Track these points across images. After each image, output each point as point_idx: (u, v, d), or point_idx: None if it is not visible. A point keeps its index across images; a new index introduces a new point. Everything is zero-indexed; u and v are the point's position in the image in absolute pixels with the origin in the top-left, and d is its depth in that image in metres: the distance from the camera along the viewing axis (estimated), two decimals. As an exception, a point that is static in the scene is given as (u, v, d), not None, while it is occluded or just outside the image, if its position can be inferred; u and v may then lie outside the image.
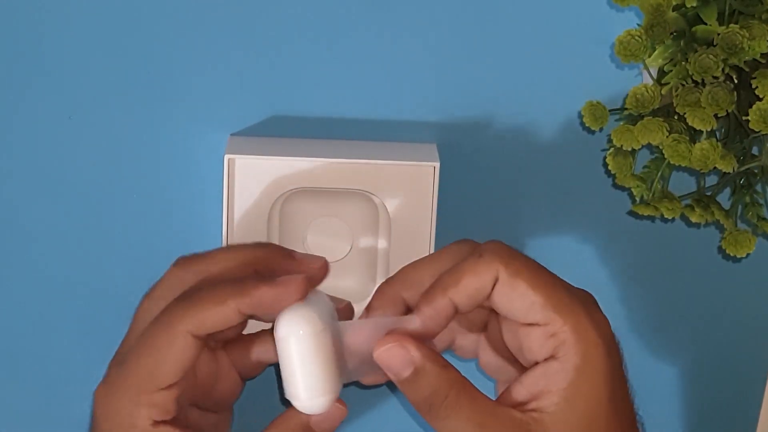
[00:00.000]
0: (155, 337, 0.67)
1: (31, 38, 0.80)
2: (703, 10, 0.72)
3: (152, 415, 0.67)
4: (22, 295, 0.85)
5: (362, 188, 0.80)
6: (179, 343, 0.66)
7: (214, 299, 0.66)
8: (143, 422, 0.67)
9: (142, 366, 0.67)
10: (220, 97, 0.81)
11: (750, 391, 0.89)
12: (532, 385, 0.65)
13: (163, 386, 0.67)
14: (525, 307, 0.65)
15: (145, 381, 0.67)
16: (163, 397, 0.67)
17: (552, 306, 0.65)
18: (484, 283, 0.66)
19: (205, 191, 0.83)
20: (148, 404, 0.67)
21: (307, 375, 0.66)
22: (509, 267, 0.65)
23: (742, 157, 0.75)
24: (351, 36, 0.81)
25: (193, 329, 0.66)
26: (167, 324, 0.67)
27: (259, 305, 0.66)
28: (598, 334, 0.64)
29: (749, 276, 0.87)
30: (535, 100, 0.82)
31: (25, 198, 0.83)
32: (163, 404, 0.67)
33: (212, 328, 0.67)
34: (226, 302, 0.66)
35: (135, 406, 0.67)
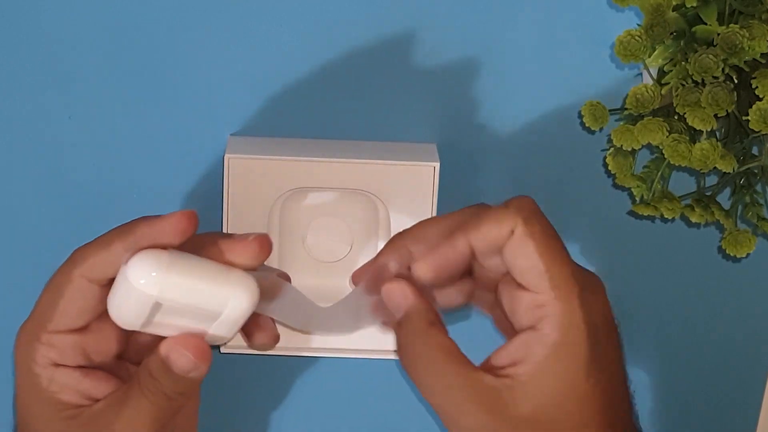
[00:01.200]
0: (54, 280, 0.68)
1: (31, 38, 0.80)
2: (703, 10, 0.72)
3: (50, 355, 0.68)
4: (22, 295, 0.85)
5: (362, 188, 0.80)
6: (73, 286, 0.67)
7: (102, 242, 0.67)
8: (41, 360, 0.68)
9: (41, 306, 0.68)
10: (220, 97, 0.81)
11: (750, 391, 0.89)
12: (513, 351, 0.66)
13: (61, 328, 0.68)
14: (526, 268, 0.66)
15: (43, 321, 0.68)
16: (59, 340, 0.68)
17: (549, 276, 0.65)
18: (502, 231, 0.67)
19: (205, 191, 0.83)
20: (47, 343, 0.68)
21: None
22: (527, 224, 0.66)
23: (742, 157, 0.75)
24: (351, 36, 0.81)
25: (86, 272, 0.67)
26: (64, 267, 0.68)
27: (141, 240, 0.66)
28: (584, 317, 0.65)
29: (749, 276, 0.87)
30: (535, 100, 0.82)
31: (25, 198, 0.83)
32: (60, 347, 0.68)
33: (105, 272, 0.67)
34: (112, 243, 0.67)
35: (35, 344, 0.68)
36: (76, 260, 0.68)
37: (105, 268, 0.67)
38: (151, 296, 0.65)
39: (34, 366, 0.68)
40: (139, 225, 0.67)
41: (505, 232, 0.67)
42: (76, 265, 0.68)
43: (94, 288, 0.68)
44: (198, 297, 0.66)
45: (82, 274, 0.67)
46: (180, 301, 0.66)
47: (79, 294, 0.68)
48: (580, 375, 0.65)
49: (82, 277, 0.67)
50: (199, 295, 0.66)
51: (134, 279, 0.65)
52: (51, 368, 0.68)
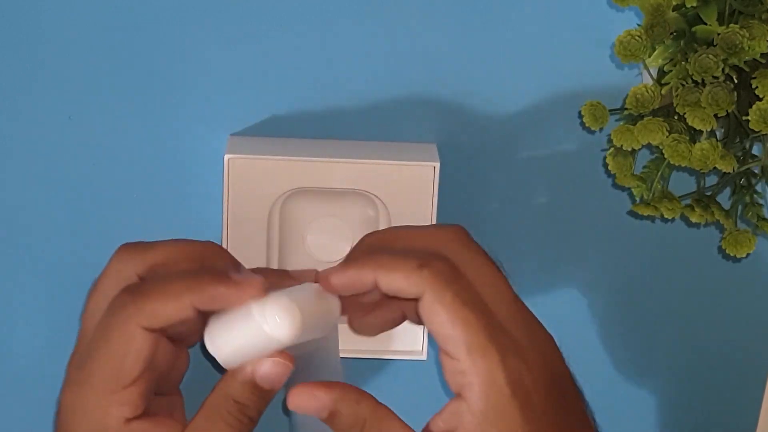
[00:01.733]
0: (112, 335, 0.66)
1: (31, 38, 0.80)
2: (703, 10, 0.72)
3: (123, 413, 0.66)
4: (21, 295, 0.85)
5: (362, 188, 0.80)
6: (137, 339, 0.66)
7: (168, 294, 0.66)
8: (116, 422, 0.66)
9: (105, 365, 0.66)
10: (220, 97, 0.81)
11: (750, 391, 0.89)
12: (446, 419, 0.66)
13: (128, 383, 0.66)
14: (441, 336, 0.65)
15: (110, 380, 0.66)
16: (130, 394, 0.66)
17: (465, 345, 0.64)
18: (410, 291, 0.65)
19: (205, 191, 0.83)
20: (118, 403, 0.66)
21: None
22: (438, 292, 0.65)
23: (742, 157, 0.75)
24: (351, 36, 0.81)
25: (148, 324, 0.66)
26: (122, 320, 0.66)
27: (215, 301, 0.66)
28: (508, 382, 0.64)
29: (749, 276, 0.87)
30: (535, 100, 0.82)
31: (25, 198, 0.83)
32: (132, 401, 0.66)
33: (167, 323, 0.66)
34: (180, 297, 0.66)
35: (105, 407, 0.66)
36: (133, 310, 0.66)
37: (170, 320, 0.66)
38: (283, 344, 0.65)
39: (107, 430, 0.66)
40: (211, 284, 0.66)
41: (412, 293, 0.65)
42: (134, 317, 0.66)
43: (154, 336, 0.66)
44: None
45: (141, 324, 0.66)
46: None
47: (142, 347, 0.66)
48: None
49: (142, 329, 0.66)
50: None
51: (274, 331, 0.65)
52: (124, 427, 0.67)
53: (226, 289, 0.66)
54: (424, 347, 0.84)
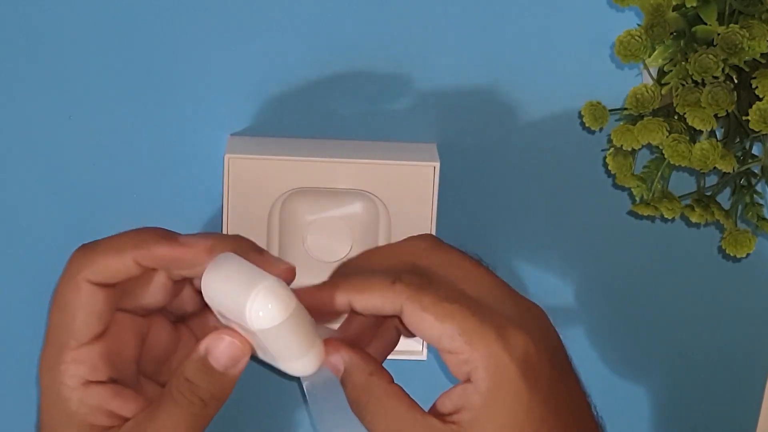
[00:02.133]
0: (61, 291, 0.66)
1: (31, 38, 0.80)
2: (703, 10, 0.72)
3: (80, 372, 0.66)
4: (21, 295, 0.85)
5: (362, 188, 0.80)
6: (82, 294, 0.66)
7: (111, 248, 0.66)
8: (71, 381, 0.66)
9: (56, 322, 0.66)
10: (220, 97, 0.81)
11: (750, 391, 0.89)
12: (454, 399, 0.66)
13: (83, 340, 0.66)
14: (435, 338, 0.65)
15: (62, 337, 0.66)
16: (87, 353, 0.66)
17: (461, 335, 0.64)
18: (387, 309, 0.66)
19: (205, 191, 0.83)
20: (73, 361, 0.66)
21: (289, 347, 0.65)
22: (416, 301, 0.65)
23: (742, 157, 0.75)
24: (350, 35, 0.81)
25: (92, 277, 0.65)
26: (69, 275, 0.66)
27: (160, 261, 0.66)
28: (510, 356, 0.64)
29: (749, 276, 0.87)
30: (535, 100, 0.82)
31: (25, 198, 0.83)
32: (89, 360, 0.66)
33: (111, 277, 0.66)
34: (123, 252, 0.65)
35: (60, 364, 0.66)
36: (80, 265, 0.66)
37: (114, 274, 0.66)
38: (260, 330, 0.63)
39: (63, 389, 0.66)
40: (157, 242, 0.66)
41: (390, 310, 0.65)
42: (80, 270, 0.66)
43: (102, 291, 0.66)
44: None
45: (88, 278, 0.66)
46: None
47: (89, 301, 0.66)
48: (522, 413, 0.64)
49: (89, 283, 0.66)
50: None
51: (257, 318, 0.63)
52: (81, 388, 0.66)
53: (168, 248, 0.65)
54: (424, 347, 0.84)
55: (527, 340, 0.65)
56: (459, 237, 0.85)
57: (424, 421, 0.66)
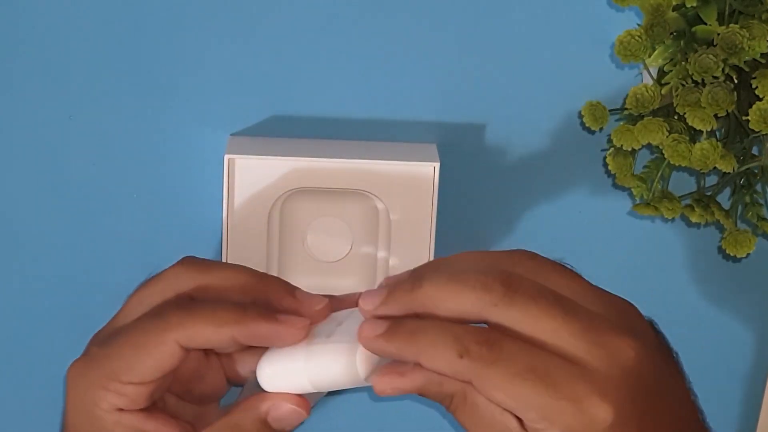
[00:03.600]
0: (145, 336, 0.67)
1: (31, 38, 0.80)
2: (703, 10, 0.72)
3: (119, 403, 0.67)
4: (21, 295, 0.85)
5: (362, 188, 0.80)
6: (166, 350, 0.66)
7: (213, 320, 0.66)
8: (106, 406, 0.67)
9: (124, 357, 0.67)
10: (220, 97, 0.81)
11: (750, 391, 0.89)
12: None
13: (136, 382, 0.67)
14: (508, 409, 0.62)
15: (120, 371, 0.67)
16: (133, 391, 0.67)
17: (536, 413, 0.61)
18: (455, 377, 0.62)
19: (205, 191, 0.83)
20: (116, 392, 0.67)
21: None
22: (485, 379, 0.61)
23: (742, 157, 0.75)
24: (351, 36, 0.81)
25: (184, 342, 0.66)
26: (161, 328, 0.66)
27: (256, 338, 0.66)
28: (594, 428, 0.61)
29: (749, 276, 0.87)
30: (535, 100, 0.82)
31: (25, 198, 0.83)
32: (132, 396, 0.67)
33: (203, 345, 0.67)
34: (223, 327, 0.66)
35: (102, 391, 0.67)
36: (175, 324, 0.66)
37: (206, 345, 0.67)
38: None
39: (97, 410, 0.67)
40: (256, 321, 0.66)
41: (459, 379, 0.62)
42: (174, 330, 0.66)
43: (183, 353, 0.67)
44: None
45: (177, 340, 0.66)
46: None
47: (168, 357, 0.66)
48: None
49: (177, 344, 0.66)
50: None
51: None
52: (116, 413, 0.67)
53: (268, 327, 0.66)
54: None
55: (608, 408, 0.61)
56: (459, 237, 0.85)
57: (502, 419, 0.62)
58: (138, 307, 0.69)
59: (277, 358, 0.66)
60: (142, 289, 0.70)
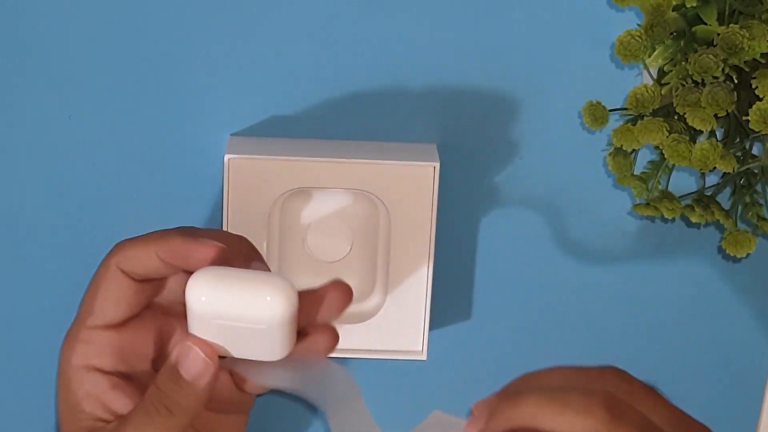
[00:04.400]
0: (95, 274, 0.69)
1: (31, 38, 0.80)
2: (703, 10, 0.72)
3: (87, 353, 0.67)
4: (21, 295, 0.85)
5: (362, 188, 0.80)
6: (110, 276, 0.68)
7: (141, 240, 0.68)
8: (77, 359, 0.67)
9: (83, 303, 0.68)
10: (220, 97, 0.81)
11: (750, 391, 0.89)
12: None
13: (98, 323, 0.67)
14: None
15: (83, 315, 0.68)
16: (98, 336, 0.67)
17: None
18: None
19: (205, 191, 0.83)
20: (84, 340, 0.67)
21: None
22: None
23: (742, 157, 0.75)
24: (351, 36, 0.81)
25: (121, 263, 0.67)
26: (105, 260, 0.69)
27: (174, 255, 0.67)
28: None
29: (749, 276, 0.87)
30: (535, 100, 0.82)
31: (25, 198, 0.83)
32: (98, 344, 0.67)
33: (137, 267, 0.67)
34: (150, 244, 0.67)
35: (73, 342, 0.68)
36: (114, 251, 0.69)
37: (138, 263, 0.68)
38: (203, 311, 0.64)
39: (68, 367, 0.67)
40: (175, 238, 0.67)
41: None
42: (113, 255, 0.68)
43: (129, 281, 0.68)
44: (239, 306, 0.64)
45: (117, 263, 0.68)
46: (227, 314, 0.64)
47: (114, 284, 0.68)
48: None
49: (117, 268, 0.68)
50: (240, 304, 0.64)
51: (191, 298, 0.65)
52: (83, 370, 0.67)
53: (183, 243, 0.67)
54: (425, 347, 0.84)
55: None
56: (459, 237, 0.85)
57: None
58: None
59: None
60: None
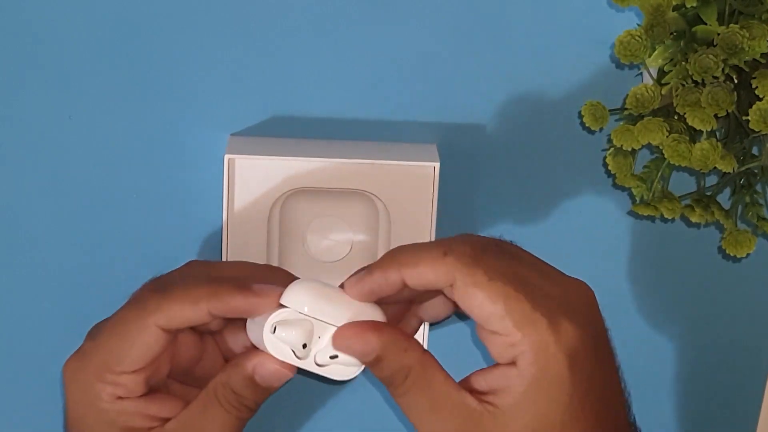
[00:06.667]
0: (126, 324, 0.68)
1: (31, 38, 0.80)
2: (703, 10, 0.72)
3: (117, 392, 0.69)
4: (21, 295, 0.85)
5: (362, 188, 0.80)
6: (148, 335, 0.68)
7: (188, 298, 0.68)
8: (106, 397, 0.69)
9: (111, 348, 0.69)
10: (220, 97, 0.81)
11: (750, 391, 0.89)
12: (491, 380, 0.65)
13: (128, 371, 0.68)
14: (485, 316, 0.64)
15: (111, 362, 0.68)
16: (128, 379, 0.69)
17: (511, 319, 0.64)
18: (439, 280, 0.65)
19: (205, 191, 0.83)
20: (113, 383, 0.69)
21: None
22: (468, 275, 0.64)
23: (742, 157, 0.75)
24: (351, 36, 0.81)
25: (163, 324, 0.68)
26: (139, 314, 0.68)
27: (231, 310, 0.68)
28: (559, 347, 0.64)
29: (749, 276, 0.87)
30: (535, 100, 0.82)
31: (25, 198, 0.83)
32: (129, 385, 0.69)
33: (182, 325, 0.68)
34: (198, 303, 0.67)
35: (100, 383, 0.69)
36: (152, 309, 0.68)
37: (186, 323, 0.68)
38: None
39: (100, 402, 0.69)
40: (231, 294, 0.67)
41: (443, 282, 0.65)
42: (152, 314, 0.68)
43: (167, 335, 0.68)
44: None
45: (157, 323, 0.68)
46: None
47: (152, 342, 0.68)
48: (562, 405, 0.64)
49: (157, 327, 0.68)
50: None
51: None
52: (117, 402, 0.69)
53: (242, 298, 0.67)
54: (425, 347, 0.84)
55: (577, 333, 0.64)
56: (459, 237, 0.85)
57: (459, 397, 0.65)
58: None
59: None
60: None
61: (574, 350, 0.64)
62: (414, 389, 0.66)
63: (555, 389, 0.64)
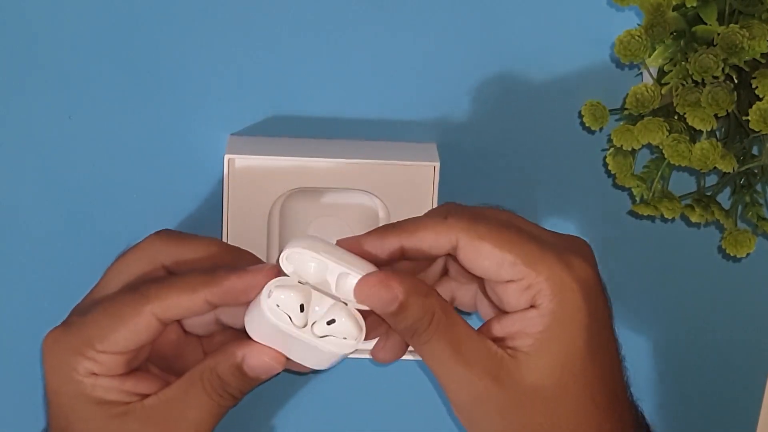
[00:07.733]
0: (122, 307, 0.69)
1: (31, 38, 0.80)
2: (703, 10, 0.72)
3: (93, 368, 0.69)
4: (21, 295, 0.86)
5: (362, 188, 0.80)
6: (142, 322, 0.68)
7: (186, 288, 0.68)
8: (81, 370, 0.69)
9: (100, 326, 0.69)
10: (220, 96, 0.81)
11: (750, 391, 0.89)
12: (509, 325, 0.66)
13: (110, 351, 0.68)
14: (495, 267, 0.65)
15: (95, 339, 0.68)
16: (107, 358, 0.69)
17: (522, 261, 0.65)
18: (441, 244, 0.66)
19: (205, 191, 0.83)
20: (92, 359, 0.69)
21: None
22: (471, 231, 0.66)
23: (742, 157, 0.75)
24: (351, 36, 0.81)
25: (160, 313, 0.68)
26: (138, 300, 0.68)
27: (229, 295, 0.68)
28: (573, 279, 0.65)
29: (749, 276, 0.87)
30: (535, 100, 0.82)
31: (26, 198, 0.83)
32: (108, 363, 0.69)
33: (178, 315, 0.68)
34: (196, 291, 0.68)
35: (78, 356, 0.69)
36: (150, 297, 0.68)
37: (182, 312, 0.68)
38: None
39: (75, 374, 0.69)
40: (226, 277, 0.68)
41: (445, 244, 0.66)
42: (149, 302, 0.68)
43: (160, 325, 0.68)
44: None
45: (154, 312, 0.68)
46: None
47: (144, 329, 0.68)
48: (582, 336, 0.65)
49: (152, 315, 0.68)
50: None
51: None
52: (92, 377, 0.69)
53: (237, 278, 0.67)
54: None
55: (585, 266, 0.66)
56: (459, 237, 0.85)
57: (481, 342, 0.66)
58: (118, 276, 0.71)
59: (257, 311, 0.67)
60: (120, 261, 0.72)
61: (586, 282, 0.66)
62: (437, 335, 0.66)
63: (574, 323, 0.65)
